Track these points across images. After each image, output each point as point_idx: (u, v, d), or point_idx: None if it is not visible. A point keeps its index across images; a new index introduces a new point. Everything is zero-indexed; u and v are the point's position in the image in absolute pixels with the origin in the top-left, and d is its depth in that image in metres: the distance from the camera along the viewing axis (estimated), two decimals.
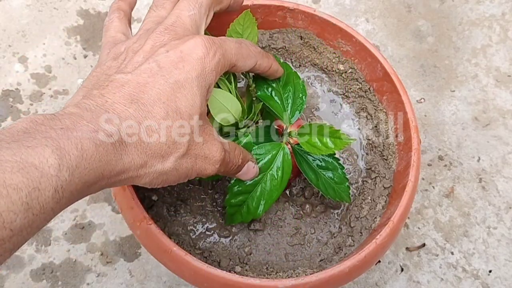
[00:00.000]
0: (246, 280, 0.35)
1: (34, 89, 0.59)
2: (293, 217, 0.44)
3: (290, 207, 0.44)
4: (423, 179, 0.57)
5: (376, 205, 0.43)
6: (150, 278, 0.51)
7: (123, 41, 0.35)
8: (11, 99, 0.58)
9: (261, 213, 0.40)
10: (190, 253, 0.36)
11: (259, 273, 0.40)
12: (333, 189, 0.41)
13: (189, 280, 0.38)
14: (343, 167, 0.41)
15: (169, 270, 0.38)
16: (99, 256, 0.51)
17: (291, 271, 0.40)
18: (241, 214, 0.40)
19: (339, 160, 0.41)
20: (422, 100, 0.61)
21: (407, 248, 0.53)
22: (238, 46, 0.35)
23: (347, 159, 0.46)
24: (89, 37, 0.63)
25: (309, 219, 0.44)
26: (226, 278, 0.35)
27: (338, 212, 0.44)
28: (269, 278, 0.39)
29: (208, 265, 0.35)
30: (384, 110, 0.46)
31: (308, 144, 0.39)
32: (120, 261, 0.51)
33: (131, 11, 0.39)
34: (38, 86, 0.60)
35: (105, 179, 0.28)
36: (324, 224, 0.44)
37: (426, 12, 0.67)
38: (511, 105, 0.61)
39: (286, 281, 0.36)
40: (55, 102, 0.59)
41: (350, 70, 0.48)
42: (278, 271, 0.40)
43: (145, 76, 0.30)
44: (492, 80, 0.63)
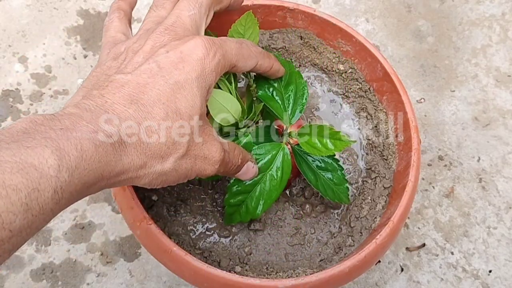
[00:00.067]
0: (246, 280, 0.35)
1: (34, 89, 0.59)
2: (293, 217, 0.44)
3: (290, 207, 0.44)
4: (423, 179, 0.57)
5: (376, 205, 0.43)
6: (150, 278, 0.51)
7: (123, 41, 0.35)
8: (11, 99, 0.58)
9: (260, 213, 0.40)
10: (190, 253, 0.36)
11: (259, 273, 0.40)
12: (332, 190, 0.41)
13: (189, 280, 0.38)
14: (343, 168, 0.41)
15: (169, 270, 0.38)
16: (99, 256, 0.51)
17: (291, 271, 0.40)
18: (240, 214, 0.41)
19: (339, 161, 0.41)
20: (422, 100, 0.61)
21: (407, 248, 0.53)
22: (239, 47, 0.35)
23: (347, 159, 0.46)
24: (89, 37, 0.63)
25: (309, 219, 0.44)
26: (226, 278, 0.35)
27: (338, 212, 0.44)
28: (269, 278, 0.39)
29: (208, 265, 0.35)
30: (384, 110, 0.46)
31: (308, 145, 0.39)
32: (120, 261, 0.51)
33: (131, 11, 0.39)
34: (38, 86, 0.60)
35: (105, 180, 0.28)
36: (324, 224, 0.44)
37: (426, 12, 0.67)
38: (511, 105, 0.61)
39: (286, 281, 0.36)
40: (55, 102, 0.59)
41: (350, 70, 0.48)
42: (278, 271, 0.40)
43: (145, 77, 0.30)
44: (492, 80, 0.63)
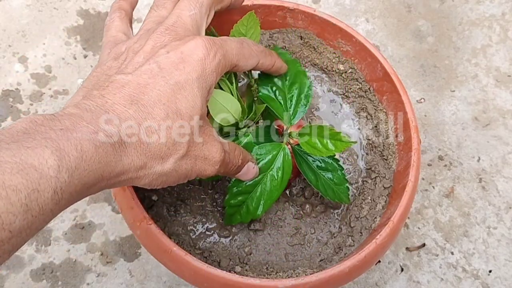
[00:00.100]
0: (246, 280, 0.35)
1: (34, 89, 0.59)
2: (293, 217, 0.44)
3: (290, 207, 0.44)
4: (423, 179, 0.57)
5: (376, 205, 0.43)
6: (150, 278, 0.51)
7: (124, 41, 0.35)
8: (11, 99, 0.58)
9: (261, 214, 0.40)
10: (190, 253, 0.36)
11: (259, 273, 0.40)
12: (332, 190, 0.41)
13: (189, 280, 0.38)
14: (343, 169, 0.41)
15: (169, 270, 0.38)
16: (99, 256, 0.51)
17: (291, 271, 0.40)
18: (240, 215, 0.40)
19: (339, 161, 0.41)
20: (422, 100, 0.61)
21: (407, 248, 0.53)
22: (240, 46, 0.35)
23: (347, 159, 0.46)
24: (89, 37, 0.63)
25: (309, 219, 0.44)
26: (226, 278, 0.35)
27: (338, 212, 0.44)
28: (269, 278, 0.39)
29: (208, 265, 0.35)
30: (384, 110, 0.46)
31: (308, 145, 0.39)
32: (120, 261, 0.51)
33: (133, 11, 0.39)
34: (38, 86, 0.60)
35: (105, 180, 0.28)
36: (324, 224, 0.44)
37: (426, 12, 0.67)
38: (511, 105, 0.61)
39: (286, 281, 0.36)
40: (55, 102, 0.59)
41: (350, 70, 0.48)
42: (278, 271, 0.40)
43: (146, 77, 0.30)
44: (492, 80, 0.63)
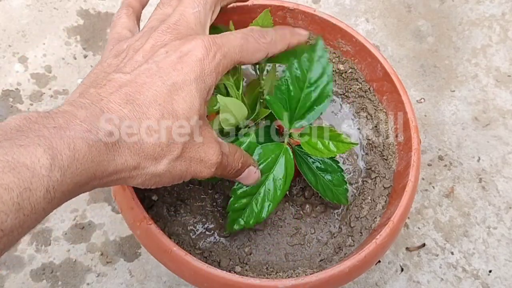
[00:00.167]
0: (246, 280, 0.35)
1: (34, 89, 0.59)
2: (293, 217, 0.44)
3: (290, 207, 0.44)
4: (423, 179, 0.57)
5: (376, 205, 0.43)
6: (150, 278, 0.51)
7: (127, 38, 0.34)
8: (11, 99, 0.58)
9: (266, 216, 0.40)
10: (190, 253, 0.36)
11: (259, 273, 0.40)
12: (331, 191, 0.41)
13: (189, 280, 0.38)
14: (342, 170, 0.41)
15: (169, 270, 0.38)
16: (99, 256, 0.51)
17: (291, 271, 0.40)
18: (244, 219, 0.40)
19: (339, 163, 0.41)
20: (422, 100, 0.61)
21: (407, 248, 0.53)
22: (244, 42, 0.34)
23: (347, 159, 0.46)
24: (89, 37, 0.63)
25: (309, 219, 0.44)
26: (226, 278, 0.35)
27: (338, 212, 0.44)
28: (269, 278, 0.39)
29: (208, 265, 0.35)
30: (384, 110, 0.46)
31: (310, 146, 0.39)
32: (120, 261, 0.51)
33: (142, 9, 0.38)
34: (38, 86, 0.60)
35: (97, 179, 0.28)
36: (324, 224, 0.44)
37: (426, 12, 0.67)
38: (511, 105, 0.61)
39: (286, 281, 0.36)
40: (55, 102, 0.59)
41: (350, 70, 0.48)
42: (278, 271, 0.40)
43: (143, 77, 0.30)
44: (492, 80, 0.63)
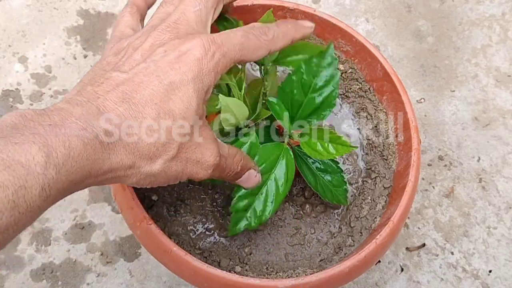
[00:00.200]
0: (246, 280, 0.35)
1: (34, 89, 0.59)
2: (293, 217, 0.44)
3: (290, 207, 0.44)
4: (423, 179, 0.57)
5: (376, 205, 0.43)
6: (150, 278, 0.51)
7: (128, 36, 0.34)
8: (11, 99, 0.58)
9: (269, 216, 0.39)
10: (190, 253, 0.36)
11: (259, 273, 0.40)
12: (331, 192, 0.41)
13: (189, 280, 0.38)
14: (342, 171, 0.41)
15: (169, 270, 0.38)
16: (99, 256, 0.51)
17: (291, 271, 0.40)
18: (247, 220, 0.40)
19: (338, 164, 0.41)
20: (422, 100, 0.61)
21: (407, 248, 0.53)
22: (244, 41, 0.33)
23: (347, 159, 0.46)
24: (89, 37, 0.63)
25: (309, 219, 0.44)
26: (226, 278, 0.35)
27: (338, 212, 0.44)
28: (269, 278, 0.39)
29: (208, 265, 0.35)
30: (384, 110, 0.46)
31: (310, 148, 0.39)
32: (120, 261, 0.51)
33: (147, 8, 0.38)
34: (38, 86, 0.60)
35: (92, 178, 0.28)
36: (324, 224, 0.44)
37: (426, 12, 0.67)
38: (511, 105, 0.61)
39: (286, 281, 0.36)
40: (55, 102, 0.59)
41: (350, 70, 0.48)
42: (278, 271, 0.40)
43: (141, 76, 0.30)
44: (492, 80, 0.63)
